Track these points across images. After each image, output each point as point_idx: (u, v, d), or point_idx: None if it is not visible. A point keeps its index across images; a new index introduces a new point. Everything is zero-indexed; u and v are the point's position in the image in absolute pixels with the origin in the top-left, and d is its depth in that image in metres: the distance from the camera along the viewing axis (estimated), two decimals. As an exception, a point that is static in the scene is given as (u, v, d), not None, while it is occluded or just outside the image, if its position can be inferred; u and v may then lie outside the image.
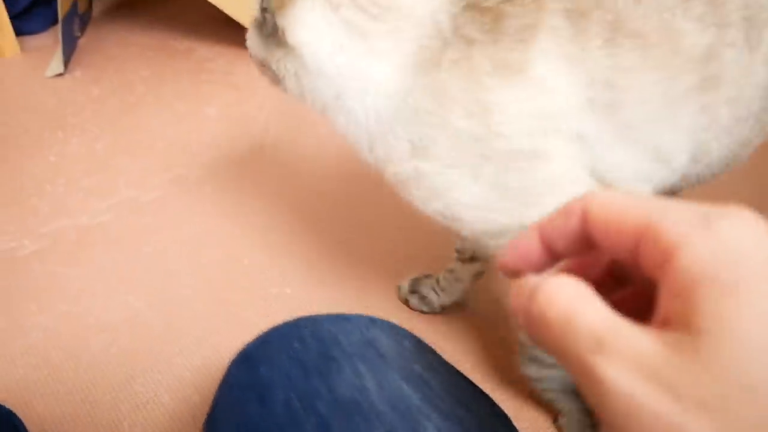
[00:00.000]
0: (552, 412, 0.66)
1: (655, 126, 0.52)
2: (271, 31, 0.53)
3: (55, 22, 1.58)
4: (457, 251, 0.71)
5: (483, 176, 0.52)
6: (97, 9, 1.70)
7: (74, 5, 1.39)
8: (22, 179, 1.01)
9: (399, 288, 0.78)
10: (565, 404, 0.63)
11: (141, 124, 1.16)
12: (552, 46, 0.49)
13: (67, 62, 1.35)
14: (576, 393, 0.61)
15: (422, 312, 0.76)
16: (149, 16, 1.67)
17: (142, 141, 1.11)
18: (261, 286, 0.80)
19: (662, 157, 0.53)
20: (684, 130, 0.52)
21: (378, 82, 0.52)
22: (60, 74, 1.33)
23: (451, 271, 0.73)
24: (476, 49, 0.50)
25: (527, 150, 0.51)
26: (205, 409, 0.44)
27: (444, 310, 0.76)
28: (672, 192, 0.61)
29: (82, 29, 1.53)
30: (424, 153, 0.52)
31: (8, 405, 0.56)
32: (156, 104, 1.22)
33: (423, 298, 0.76)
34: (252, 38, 0.56)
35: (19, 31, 1.47)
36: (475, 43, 0.50)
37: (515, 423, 0.43)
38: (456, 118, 0.50)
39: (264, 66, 0.56)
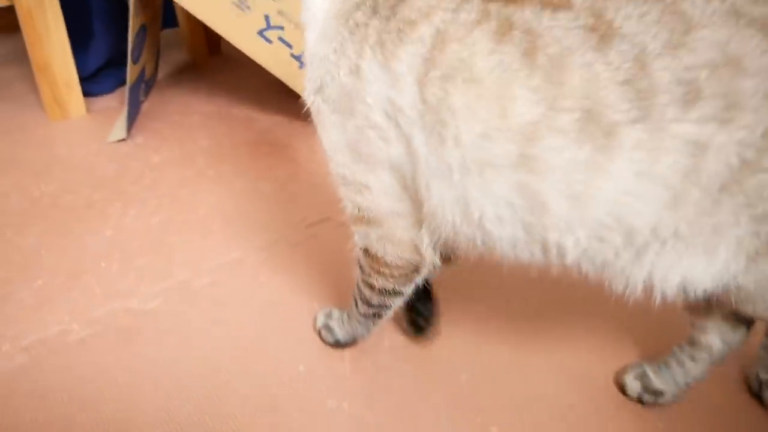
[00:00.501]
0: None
1: (464, 175, 0.53)
2: None
3: (121, 83, 1.61)
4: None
5: (347, 131, 0.60)
6: (162, 71, 1.73)
7: (142, 72, 1.41)
8: (80, 253, 0.99)
9: None
10: None
11: (198, 200, 1.14)
12: (412, 54, 0.53)
13: (129, 128, 1.36)
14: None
15: None
16: (212, 80, 1.69)
17: (198, 219, 1.08)
18: (316, 397, 0.75)
19: (467, 209, 0.55)
20: (492, 196, 0.53)
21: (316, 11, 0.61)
22: (122, 140, 1.34)
23: None
24: (374, 19, 0.56)
25: (379, 126, 0.57)
26: None
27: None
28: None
29: (147, 93, 1.55)
30: (321, 92, 0.61)
31: None
32: (214, 179, 1.21)
33: None
34: None
35: (86, 92, 1.50)
36: (377, 13, 0.56)
37: None
38: (343, 73, 0.58)
39: None
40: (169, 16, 1.80)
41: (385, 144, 0.58)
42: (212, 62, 1.83)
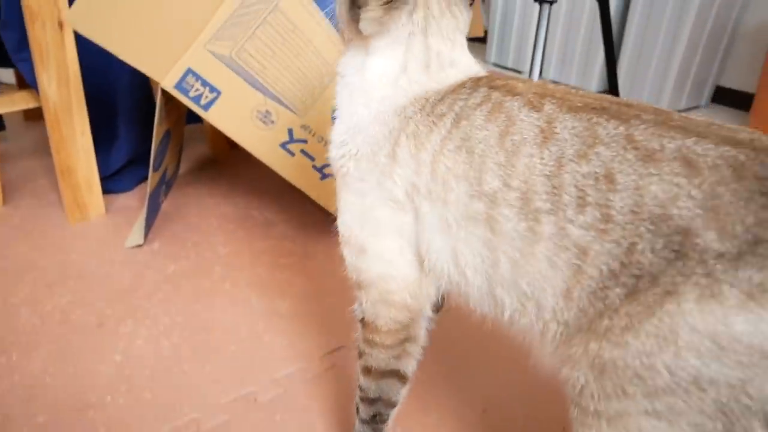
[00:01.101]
0: None
1: (456, 229, 0.63)
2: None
3: (141, 180, 1.61)
4: None
5: (367, 199, 0.69)
6: (183, 166, 1.73)
7: (163, 175, 1.40)
8: (87, 382, 0.94)
9: None
10: None
11: (213, 320, 1.09)
12: (434, 141, 0.64)
13: (147, 232, 1.34)
14: None
15: None
16: (232, 177, 1.68)
17: (212, 343, 1.04)
18: None
19: (456, 259, 0.65)
20: (471, 246, 0.62)
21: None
22: (139, 245, 1.31)
23: None
24: (418, 114, 0.67)
25: (399, 201, 0.67)
26: None
27: None
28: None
29: (167, 193, 1.54)
30: (356, 160, 0.70)
31: None
32: (230, 294, 1.17)
33: None
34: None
35: (106, 190, 1.49)
36: (423, 109, 0.67)
37: None
38: (383, 153, 0.68)
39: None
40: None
41: (398, 215, 0.68)
42: (233, 157, 1.83)
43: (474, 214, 0.61)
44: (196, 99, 1.14)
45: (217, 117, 1.15)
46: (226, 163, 1.80)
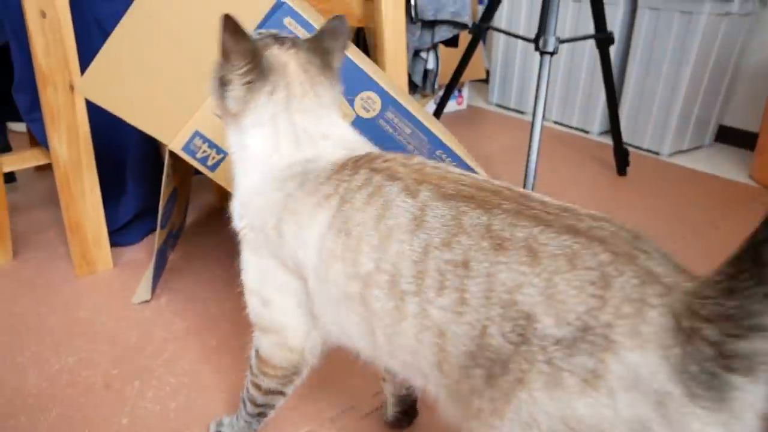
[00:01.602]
0: None
1: (338, 305, 0.68)
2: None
3: (148, 232, 1.63)
4: None
5: (264, 263, 0.77)
6: (190, 216, 1.76)
7: (170, 231, 1.42)
8: (89, 448, 0.95)
9: None
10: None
11: (219, 381, 1.10)
12: (320, 222, 0.69)
13: (154, 287, 1.36)
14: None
15: None
16: (238, 227, 1.70)
17: (219, 404, 1.04)
18: None
19: (343, 330, 0.71)
20: (353, 322, 0.68)
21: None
22: (146, 301, 1.33)
23: None
24: (299, 191, 0.72)
25: (289, 269, 0.74)
26: None
27: None
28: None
29: (174, 246, 1.56)
30: (252, 229, 0.77)
31: None
32: (237, 352, 1.17)
33: None
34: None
35: (113, 243, 1.51)
36: (303, 186, 0.72)
37: None
38: (269, 226, 0.73)
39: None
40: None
41: (292, 279, 0.74)
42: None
43: (351, 293, 0.65)
44: (203, 160, 1.16)
45: (224, 177, 1.17)
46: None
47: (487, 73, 3.35)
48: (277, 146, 0.76)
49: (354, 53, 1.18)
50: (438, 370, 0.60)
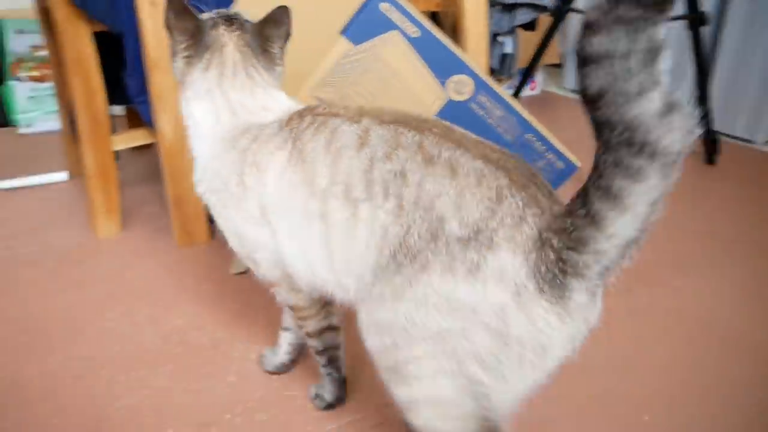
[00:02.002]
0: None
1: (301, 229, 0.76)
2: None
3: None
4: None
5: (236, 222, 0.85)
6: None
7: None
8: (207, 401, 1.04)
9: None
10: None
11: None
12: (275, 166, 0.78)
13: (250, 259, 1.45)
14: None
15: None
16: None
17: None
18: None
19: (306, 258, 0.79)
20: (314, 244, 0.75)
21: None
22: (243, 273, 1.42)
23: None
24: (254, 144, 0.81)
25: (256, 218, 0.81)
26: None
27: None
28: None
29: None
30: (216, 193, 0.86)
31: None
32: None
33: None
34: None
35: (211, 220, 1.61)
36: (257, 140, 0.81)
37: None
38: (233, 183, 0.82)
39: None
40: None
41: (260, 229, 0.82)
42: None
43: (311, 211, 0.74)
44: (302, 140, 1.23)
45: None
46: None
47: (562, 57, 3.30)
48: (218, 117, 0.86)
49: (444, 37, 1.22)
50: (372, 273, 0.70)
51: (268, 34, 0.89)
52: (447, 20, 2.25)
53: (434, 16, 2.23)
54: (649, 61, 0.49)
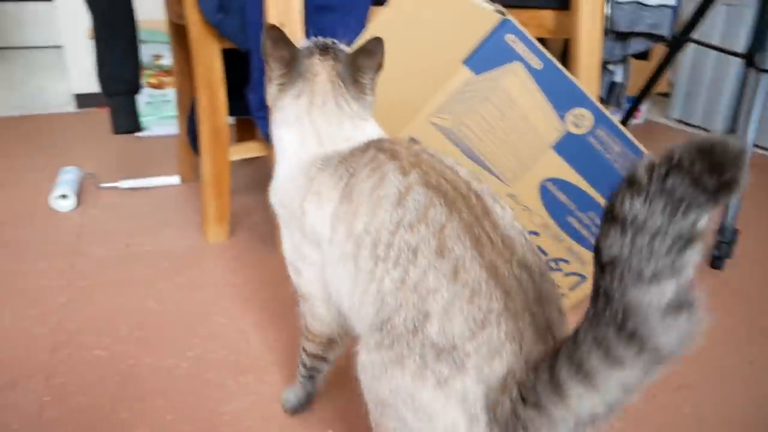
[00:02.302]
0: None
1: (340, 263, 0.79)
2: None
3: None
4: None
5: (294, 237, 0.89)
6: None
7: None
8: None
9: None
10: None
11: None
12: (334, 202, 0.81)
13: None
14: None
15: None
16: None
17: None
18: None
19: (340, 287, 0.80)
20: (344, 277, 0.78)
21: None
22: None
23: None
24: (320, 174, 0.84)
25: (311, 241, 0.85)
26: None
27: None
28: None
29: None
30: (284, 208, 0.91)
31: None
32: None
33: None
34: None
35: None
36: (324, 170, 0.84)
37: None
38: (296, 205, 0.86)
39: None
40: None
41: (313, 253, 0.85)
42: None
43: (348, 252, 0.75)
44: (415, 164, 1.24)
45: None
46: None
47: (670, 85, 3.17)
48: (303, 143, 0.89)
49: (563, 67, 1.20)
50: (370, 327, 0.71)
51: (361, 65, 0.90)
52: (556, 46, 2.22)
53: (542, 42, 2.21)
54: (680, 248, 0.42)
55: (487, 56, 1.16)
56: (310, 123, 0.89)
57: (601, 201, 1.25)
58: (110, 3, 1.56)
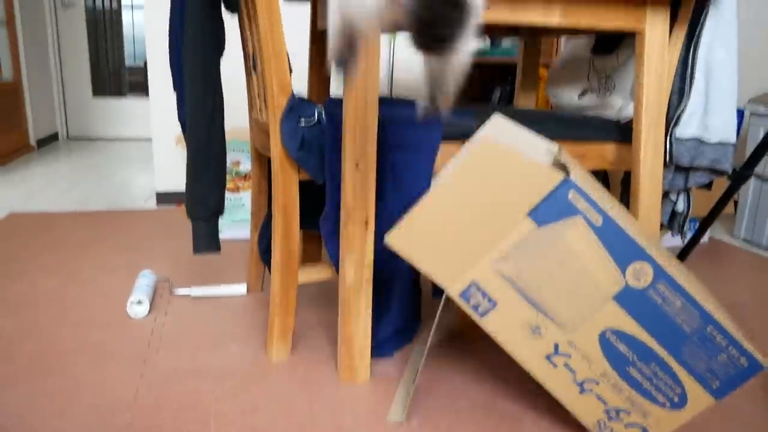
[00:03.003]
0: None
1: None
2: None
3: (400, 346, 1.81)
4: None
5: None
6: (434, 336, 1.90)
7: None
8: None
9: None
10: None
11: None
12: None
13: (406, 408, 1.49)
14: None
15: None
16: (479, 360, 1.80)
17: None
18: None
19: None
20: None
21: None
22: (399, 422, 1.46)
23: None
24: None
25: None
26: None
27: None
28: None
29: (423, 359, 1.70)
30: None
31: None
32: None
33: None
34: None
35: (371, 354, 1.70)
36: None
37: None
38: None
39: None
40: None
41: None
42: (479, 335, 1.96)
43: None
44: (475, 307, 1.29)
45: (490, 324, 1.29)
46: (472, 340, 1.93)
47: (735, 204, 3.13)
48: None
49: (625, 222, 1.24)
50: None
51: None
52: (614, 179, 2.27)
53: (606, 176, 2.26)
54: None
55: (550, 210, 1.22)
56: None
57: (663, 354, 1.24)
58: (208, 138, 1.74)
